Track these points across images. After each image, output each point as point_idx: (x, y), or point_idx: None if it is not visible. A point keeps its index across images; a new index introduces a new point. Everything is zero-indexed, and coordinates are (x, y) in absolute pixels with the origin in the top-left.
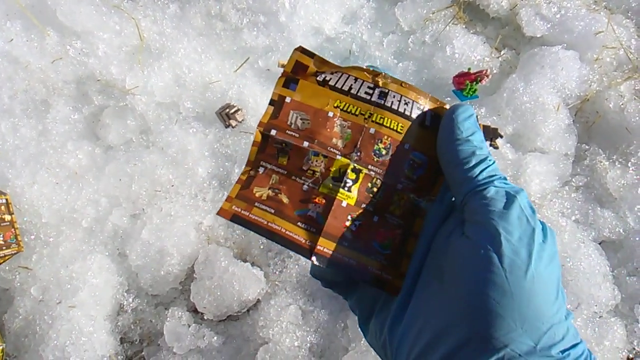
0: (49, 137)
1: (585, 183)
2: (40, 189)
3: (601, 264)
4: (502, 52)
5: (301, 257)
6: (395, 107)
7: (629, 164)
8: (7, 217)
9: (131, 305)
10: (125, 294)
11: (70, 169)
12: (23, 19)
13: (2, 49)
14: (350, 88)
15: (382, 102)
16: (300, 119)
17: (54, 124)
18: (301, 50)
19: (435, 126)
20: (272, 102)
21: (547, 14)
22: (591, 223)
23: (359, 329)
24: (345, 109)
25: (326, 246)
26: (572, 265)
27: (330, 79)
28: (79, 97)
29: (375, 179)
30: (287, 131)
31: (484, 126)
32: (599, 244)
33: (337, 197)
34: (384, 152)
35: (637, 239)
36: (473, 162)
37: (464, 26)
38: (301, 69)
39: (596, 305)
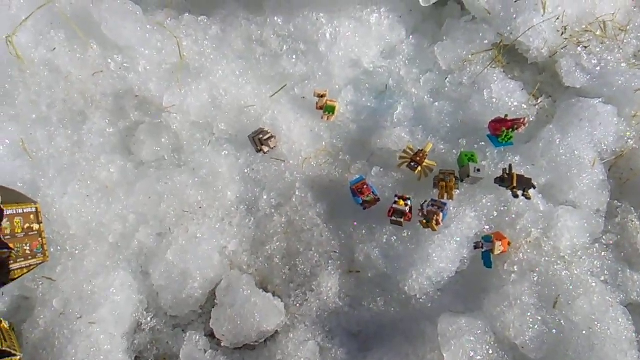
0: (83, 149)
1: (616, 242)
2: (71, 200)
3: (628, 329)
4: (539, 100)
5: (323, 291)
6: None
7: None
8: (36, 227)
9: (149, 324)
10: (145, 312)
11: (101, 182)
12: (67, 30)
13: (44, 57)
14: None
15: None
16: None
17: (88, 136)
18: None
19: None
20: None
21: (587, 66)
22: (619, 285)
23: None
24: None
25: None
26: (600, 330)
27: None
28: (116, 111)
29: None
30: None
31: (517, 176)
32: (626, 307)
33: None
34: None
35: None
36: None
37: (502, 70)
38: None
39: None
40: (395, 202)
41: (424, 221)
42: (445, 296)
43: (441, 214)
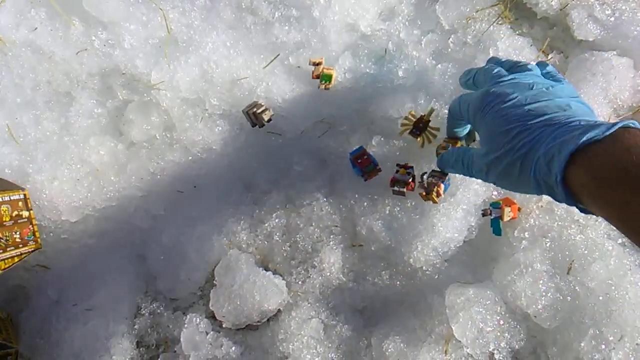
0: (72, 131)
1: None
2: (61, 185)
3: None
4: (549, 56)
5: (325, 267)
6: None
7: None
8: (25, 214)
9: (149, 308)
10: (143, 296)
11: (92, 165)
12: (47, 8)
13: (26, 38)
14: None
15: None
16: None
17: (76, 118)
18: None
19: None
20: None
21: (600, 17)
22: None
23: None
24: None
25: None
26: (618, 295)
27: None
28: (103, 90)
29: None
30: None
31: None
32: None
33: None
34: None
35: None
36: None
37: (509, 26)
38: None
39: None
40: (397, 172)
41: (424, 193)
42: (453, 267)
43: (442, 185)
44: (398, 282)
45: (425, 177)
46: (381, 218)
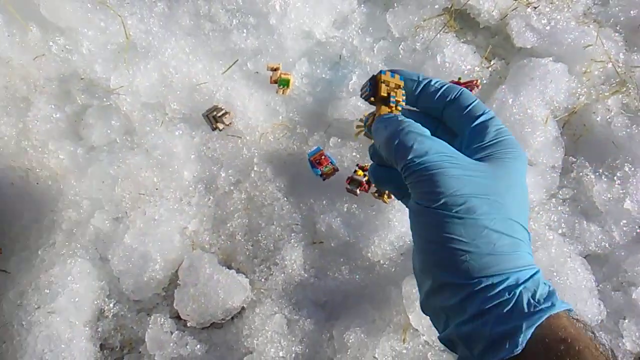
0: (30, 136)
1: (572, 196)
2: (20, 189)
3: (587, 278)
4: (492, 62)
5: (287, 264)
6: None
7: (615, 178)
8: None
9: (112, 310)
10: (107, 299)
11: (51, 169)
12: (4, 13)
13: None
14: None
15: None
16: None
17: (35, 123)
18: None
19: None
20: None
21: (537, 26)
22: (577, 237)
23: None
24: None
25: None
26: (559, 280)
27: None
28: (62, 95)
29: None
30: None
31: None
32: (585, 257)
33: None
34: None
35: (622, 253)
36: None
37: (454, 34)
38: None
39: None
40: (355, 172)
41: (375, 194)
42: (408, 259)
43: None
44: (357, 276)
45: None
46: (340, 215)
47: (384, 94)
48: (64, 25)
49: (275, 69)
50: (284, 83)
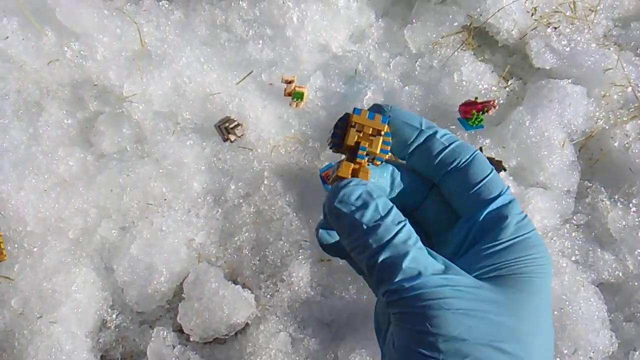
0: (40, 142)
1: (586, 222)
2: (27, 195)
3: (600, 308)
4: (509, 82)
5: (294, 281)
6: None
7: (631, 205)
8: None
9: (115, 322)
10: (110, 309)
11: (60, 176)
12: (20, 17)
13: None
14: None
15: None
16: None
17: (45, 128)
18: None
19: None
20: None
21: (556, 47)
22: (590, 264)
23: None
24: None
25: None
26: (572, 310)
27: None
28: (74, 101)
29: None
30: None
31: (488, 158)
32: (597, 286)
33: None
34: None
35: (636, 283)
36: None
37: (472, 52)
38: None
39: (593, 352)
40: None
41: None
42: None
43: None
44: (365, 296)
45: None
46: None
47: (350, 143)
48: (80, 31)
49: (290, 82)
50: (298, 96)
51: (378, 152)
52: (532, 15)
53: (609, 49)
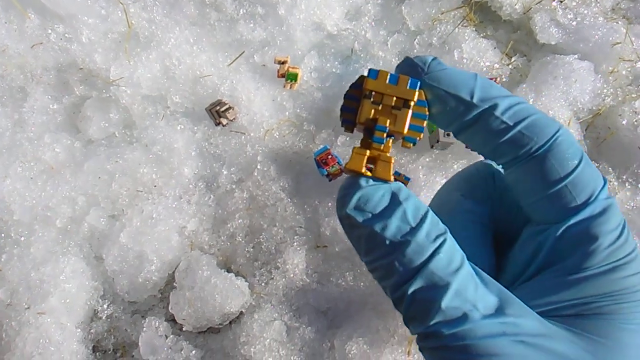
0: (25, 128)
1: None
2: (13, 183)
3: None
4: (512, 59)
5: (289, 269)
6: None
7: (639, 185)
8: None
9: (106, 312)
10: (100, 299)
11: (46, 163)
12: (2, 0)
13: None
14: None
15: None
16: None
17: (30, 114)
18: None
19: None
20: None
21: (562, 21)
22: None
23: None
24: None
25: None
26: None
27: None
28: (59, 85)
29: None
30: None
31: None
32: None
33: None
34: None
35: None
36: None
37: (473, 29)
38: None
39: None
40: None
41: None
42: None
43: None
44: (362, 284)
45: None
46: None
47: (362, 120)
48: (64, 13)
49: (283, 62)
50: (291, 77)
51: (405, 131)
52: None
53: (617, 22)
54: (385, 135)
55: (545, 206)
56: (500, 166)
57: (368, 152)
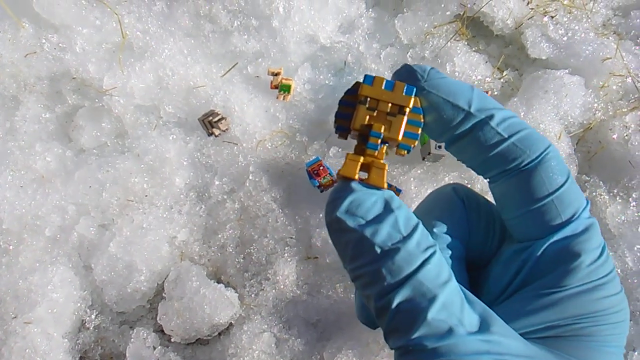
0: (17, 136)
1: None
2: (3, 192)
3: None
4: (504, 73)
5: (279, 280)
6: None
7: (630, 200)
8: None
9: (94, 322)
10: (88, 309)
11: (37, 172)
12: None
13: None
14: None
15: None
16: None
17: (22, 123)
18: None
19: None
20: None
21: (553, 36)
22: None
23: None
24: None
25: None
26: None
27: None
28: (52, 95)
29: None
30: None
31: None
32: None
33: None
34: None
35: (635, 280)
36: None
37: (466, 43)
38: None
39: None
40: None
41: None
42: None
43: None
44: (352, 296)
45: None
46: None
47: (357, 126)
48: (58, 23)
49: (277, 74)
50: (285, 89)
51: (400, 138)
52: (528, 3)
53: (608, 38)
54: (379, 141)
55: (530, 221)
56: (488, 180)
57: (362, 158)
